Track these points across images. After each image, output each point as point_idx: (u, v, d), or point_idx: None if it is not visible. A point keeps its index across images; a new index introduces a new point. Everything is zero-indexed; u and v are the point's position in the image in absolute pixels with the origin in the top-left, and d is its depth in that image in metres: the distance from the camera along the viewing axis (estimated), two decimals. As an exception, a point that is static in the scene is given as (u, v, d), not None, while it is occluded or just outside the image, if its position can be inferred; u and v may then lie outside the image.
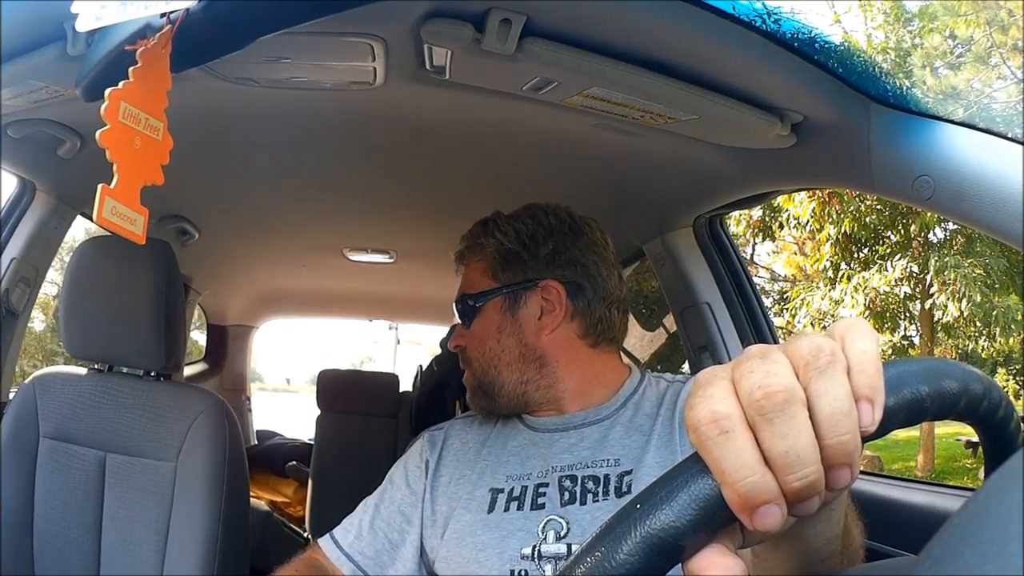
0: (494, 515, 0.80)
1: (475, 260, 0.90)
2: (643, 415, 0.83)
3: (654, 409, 0.83)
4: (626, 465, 0.78)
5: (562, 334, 0.86)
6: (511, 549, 0.77)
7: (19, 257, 1.26)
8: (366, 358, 19.80)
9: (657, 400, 0.84)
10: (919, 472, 7.12)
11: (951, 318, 6.24)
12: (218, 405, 1.17)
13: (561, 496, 0.78)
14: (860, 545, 0.42)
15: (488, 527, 0.79)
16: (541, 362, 0.86)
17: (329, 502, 2.24)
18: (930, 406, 0.31)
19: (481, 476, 0.85)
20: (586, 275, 0.86)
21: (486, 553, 0.78)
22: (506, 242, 0.87)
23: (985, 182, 0.67)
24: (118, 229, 0.56)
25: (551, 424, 0.85)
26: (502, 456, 0.86)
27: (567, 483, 0.79)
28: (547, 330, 0.85)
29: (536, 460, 0.83)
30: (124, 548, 1.12)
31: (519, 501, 0.80)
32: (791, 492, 0.28)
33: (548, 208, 0.90)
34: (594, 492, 0.77)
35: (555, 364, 0.86)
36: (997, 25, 6.53)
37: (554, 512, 0.78)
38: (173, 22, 0.58)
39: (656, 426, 0.81)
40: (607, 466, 0.79)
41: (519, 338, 0.86)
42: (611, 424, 0.83)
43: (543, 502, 0.79)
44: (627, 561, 0.28)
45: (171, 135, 0.61)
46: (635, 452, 0.79)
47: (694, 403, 0.29)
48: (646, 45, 0.75)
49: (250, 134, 1.15)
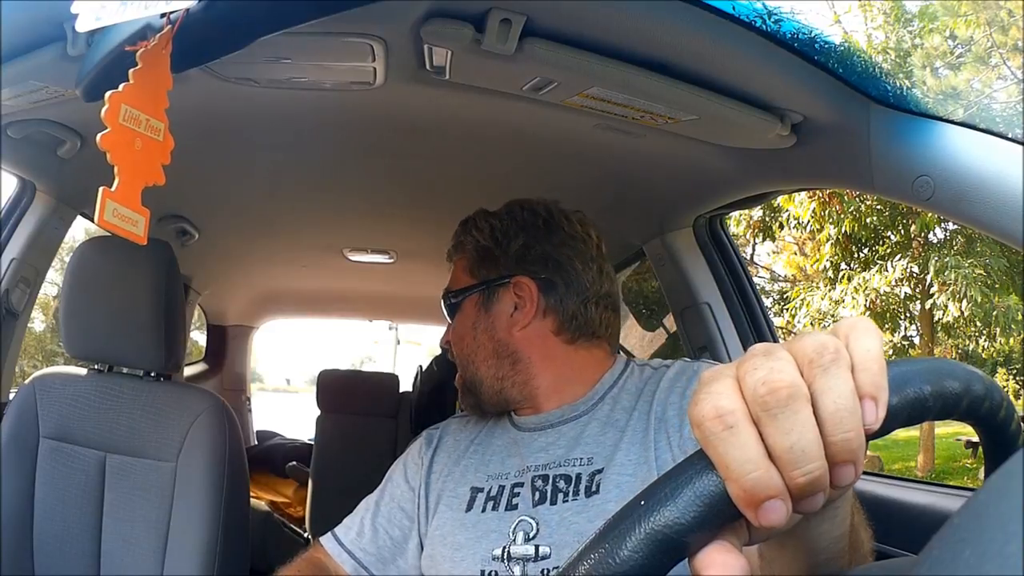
0: (471, 514, 0.80)
1: (458, 258, 0.91)
2: (620, 409, 0.81)
3: (632, 402, 0.81)
4: (598, 463, 0.77)
5: (535, 331, 0.85)
6: (483, 550, 0.77)
7: (19, 257, 1.26)
8: (366, 358, 19.81)
9: (636, 392, 0.82)
10: (919, 472, 7.12)
11: (951, 318, 6.24)
12: (218, 405, 1.17)
13: (533, 496, 0.78)
14: (869, 550, 0.42)
15: (465, 527, 0.80)
16: (514, 358, 0.85)
17: (329, 502, 2.25)
18: (932, 406, 0.31)
19: (464, 474, 0.85)
20: (558, 271, 0.85)
21: (461, 553, 0.78)
22: (481, 239, 0.87)
23: (985, 182, 0.67)
24: (119, 231, 0.56)
25: (530, 423, 0.85)
26: (486, 455, 0.86)
27: (539, 483, 0.78)
28: (518, 326, 0.85)
29: (514, 459, 0.83)
30: (124, 548, 1.12)
31: (495, 501, 0.80)
32: (796, 488, 0.28)
33: (526, 204, 0.89)
34: (564, 492, 0.76)
35: (528, 361, 0.85)
36: (997, 25, 6.53)
37: (525, 513, 0.77)
38: (173, 22, 0.58)
39: (631, 421, 0.79)
40: (579, 465, 0.78)
41: (492, 334, 0.86)
42: (588, 420, 0.81)
43: (516, 502, 0.78)
44: (631, 558, 0.28)
45: (171, 135, 0.61)
46: (608, 449, 0.77)
47: (699, 399, 0.30)
48: (646, 45, 0.75)
49: (250, 134, 1.15)
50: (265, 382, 24.31)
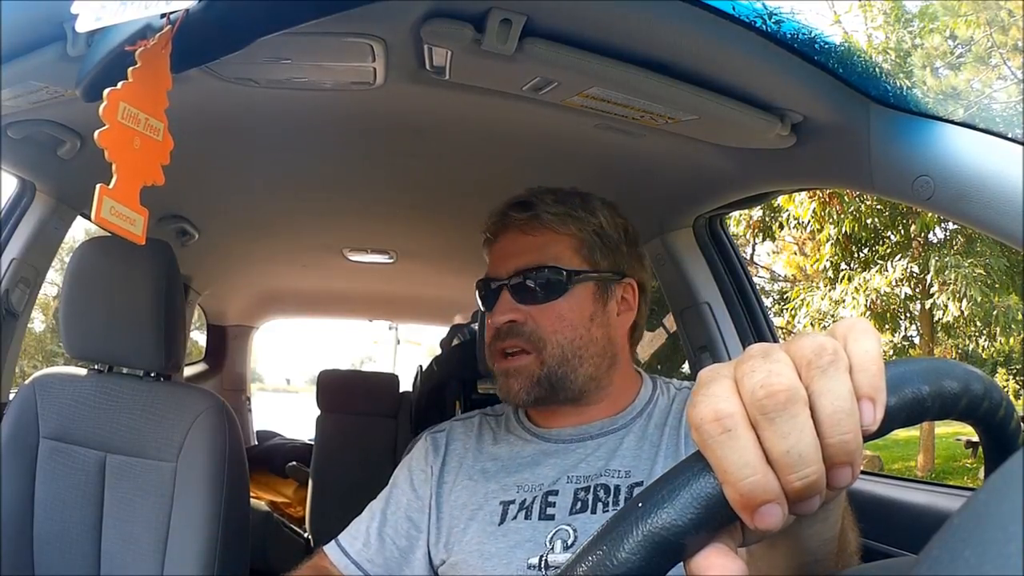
0: (503, 526, 0.79)
1: (564, 232, 0.82)
2: (654, 426, 0.82)
3: (663, 419, 0.83)
4: (637, 476, 0.78)
5: (626, 336, 0.87)
6: (518, 559, 0.76)
7: (19, 257, 1.26)
8: (366, 358, 19.82)
9: (666, 409, 0.84)
10: (919, 472, 7.12)
11: (951, 318, 6.23)
12: (218, 405, 1.17)
13: (573, 505, 0.77)
14: (855, 550, 0.42)
15: (496, 537, 0.78)
16: (613, 360, 0.84)
17: (329, 502, 2.25)
18: (931, 406, 0.31)
19: (488, 484, 0.83)
20: (646, 279, 0.88)
21: (492, 563, 0.77)
22: (607, 226, 0.85)
23: (985, 182, 0.67)
24: (117, 229, 0.56)
25: (565, 435, 0.84)
26: (510, 464, 0.84)
27: (581, 493, 0.78)
28: (623, 327, 0.85)
29: (545, 469, 0.82)
30: (124, 548, 1.12)
31: (528, 511, 0.79)
32: (792, 492, 0.28)
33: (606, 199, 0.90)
34: (604, 502, 0.76)
35: (620, 364, 0.85)
36: (997, 25, 6.53)
37: (563, 521, 0.76)
38: (173, 22, 0.58)
39: (664, 437, 0.80)
40: (618, 477, 0.78)
41: (607, 331, 0.83)
42: (625, 434, 0.82)
43: (552, 512, 0.78)
44: (628, 560, 0.28)
45: (171, 135, 0.61)
46: (646, 464, 0.79)
47: (697, 401, 0.30)
48: (646, 45, 0.75)
49: (250, 134, 1.15)
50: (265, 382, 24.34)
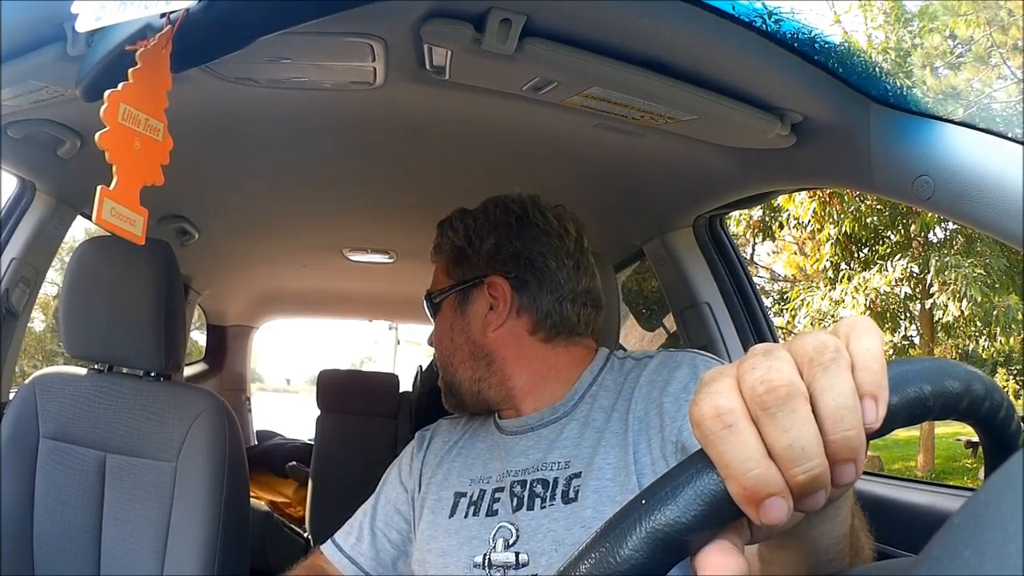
0: (454, 520, 0.79)
1: (437, 259, 0.90)
2: (598, 409, 0.79)
3: (611, 401, 0.78)
4: (576, 467, 0.75)
5: (509, 331, 0.83)
6: (466, 556, 0.76)
7: (19, 257, 1.26)
8: (366, 358, 19.81)
9: (616, 389, 0.79)
10: (919, 472, 7.12)
11: (951, 318, 6.24)
12: (218, 405, 1.17)
13: (511, 502, 0.76)
14: (869, 555, 0.42)
15: (448, 532, 0.79)
16: (489, 359, 0.84)
17: (329, 502, 2.25)
18: (933, 405, 0.31)
19: (447, 477, 0.84)
20: (530, 268, 0.83)
21: (446, 560, 0.78)
22: (456, 240, 0.87)
23: (985, 182, 0.67)
24: (117, 230, 0.56)
25: (512, 426, 0.83)
26: (469, 458, 0.85)
27: (517, 488, 0.77)
28: (492, 327, 0.83)
29: (495, 463, 0.81)
30: (124, 548, 1.12)
31: (476, 506, 0.79)
32: (796, 485, 0.28)
33: (501, 201, 0.88)
34: (542, 497, 0.75)
35: (502, 361, 0.83)
36: (997, 25, 6.53)
37: (505, 519, 0.76)
38: (173, 22, 0.58)
39: (610, 422, 0.76)
40: (556, 469, 0.76)
41: (468, 335, 0.85)
42: (567, 422, 0.80)
43: (496, 508, 0.77)
44: (632, 557, 0.28)
45: (171, 135, 0.61)
46: (586, 452, 0.75)
47: (698, 399, 0.30)
48: (646, 45, 0.75)
49: (250, 134, 1.15)
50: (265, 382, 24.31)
